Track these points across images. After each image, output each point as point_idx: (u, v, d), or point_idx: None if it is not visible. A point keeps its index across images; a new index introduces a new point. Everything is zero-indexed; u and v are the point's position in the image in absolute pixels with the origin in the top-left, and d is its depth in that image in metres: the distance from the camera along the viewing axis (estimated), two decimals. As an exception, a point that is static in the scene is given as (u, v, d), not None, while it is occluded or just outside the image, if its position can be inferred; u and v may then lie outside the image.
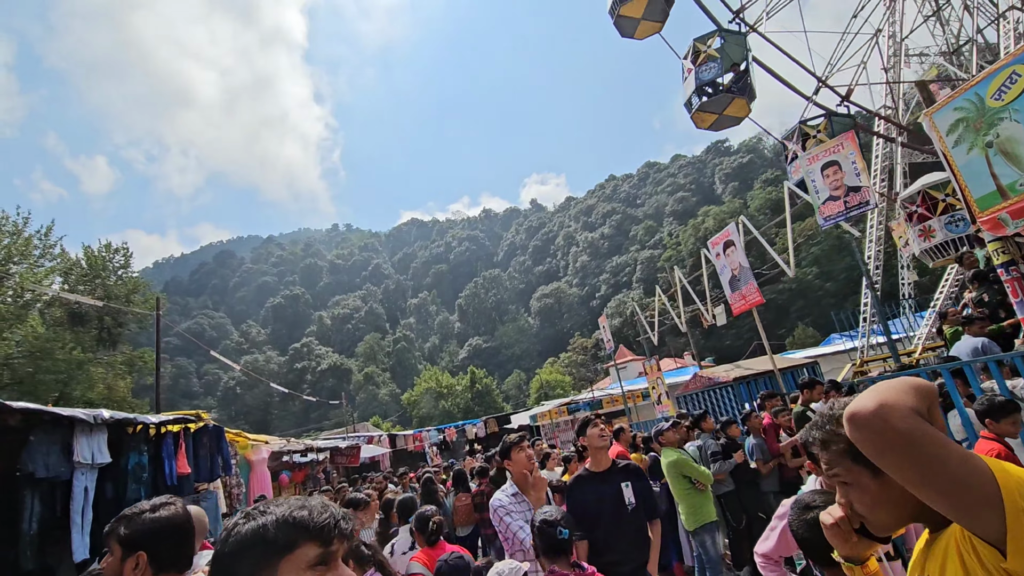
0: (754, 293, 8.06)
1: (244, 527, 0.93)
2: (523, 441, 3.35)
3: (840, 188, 6.82)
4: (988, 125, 3.50)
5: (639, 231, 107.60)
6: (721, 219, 76.57)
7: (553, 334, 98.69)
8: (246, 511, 0.98)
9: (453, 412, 61.92)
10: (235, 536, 0.92)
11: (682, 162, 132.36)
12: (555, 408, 18.98)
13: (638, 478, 3.33)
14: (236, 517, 0.98)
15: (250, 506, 1.01)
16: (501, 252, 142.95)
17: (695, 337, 60.19)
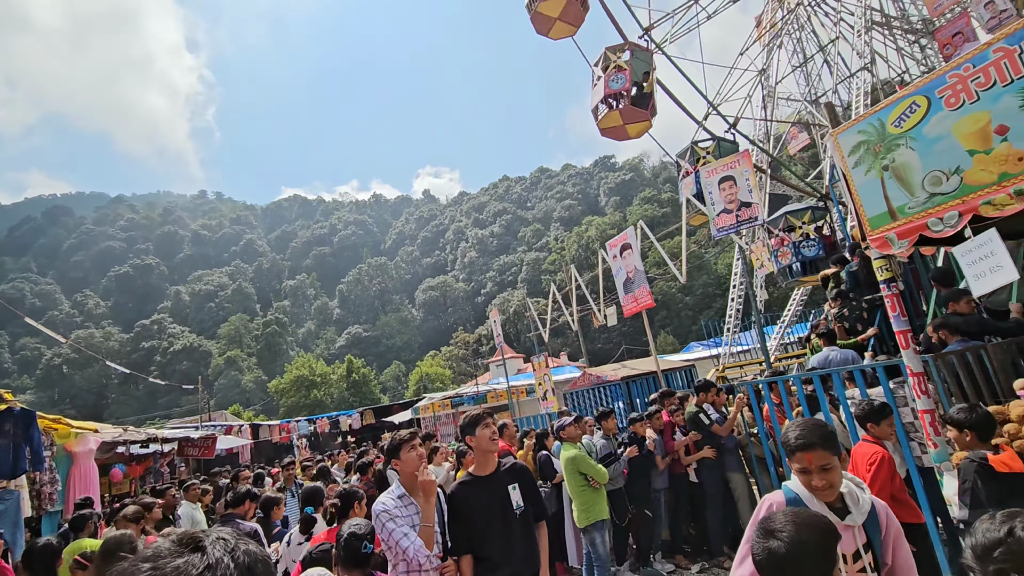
0: (646, 296, 8.36)
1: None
2: (414, 439, 3.00)
3: (734, 202, 7.32)
4: (886, 150, 3.78)
5: (527, 233, 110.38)
6: (603, 229, 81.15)
7: (436, 327, 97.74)
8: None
9: (326, 402, 58.66)
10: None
11: (572, 172, 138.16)
12: (439, 401, 18.57)
13: (525, 479, 3.12)
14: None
15: (70, 512, 0.56)
16: (389, 240, 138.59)
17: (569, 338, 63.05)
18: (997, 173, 3.22)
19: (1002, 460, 2.98)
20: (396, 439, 2.99)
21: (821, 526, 1.55)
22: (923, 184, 3.59)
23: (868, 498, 2.07)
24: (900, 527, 2.11)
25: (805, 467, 2.01)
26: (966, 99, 3.33)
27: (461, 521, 2.99)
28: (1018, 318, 5.09)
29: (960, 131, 3.38)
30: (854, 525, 1.99)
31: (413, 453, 2.91)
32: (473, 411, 3.11)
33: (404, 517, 2.76)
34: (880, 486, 3.27)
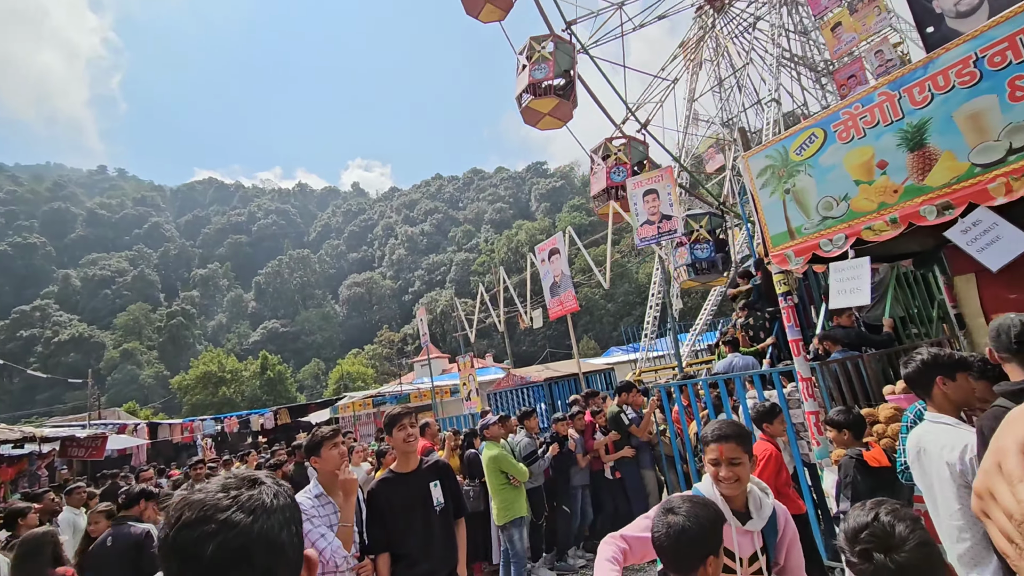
0: (571, 300, 8.63)
1: None
2: (337, 436, 2.94)
3: (656, 214, 7.74)
4: (788, 175, 4.17)
5: (458, 233, 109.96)
6: (533, 234, 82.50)
7: (360, 324, 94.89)
8: None
9: (236, 400, 55.21)
10: None
11: (504, 175, 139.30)
12: (360, 400, 18.06)
13: (446, 475, 3.18)
14: None
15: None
16: (314, 232, 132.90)
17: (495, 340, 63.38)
18: (877, 202, 3.65)
19: (873, 456, 3.36)
20: (318, 436, 2.91)
21: (712, 506, 1.74)
22: (817, 208, 4.00)
23: (771, 503, 2.24)
24: (796, 530, 2.29)
25: (716, 458, 2.14)
26: (855, 134, 3.75)
27: (380, 519, 2.96)
28: (889, 332, 5.77)
29: (849, 162, 3.80)
30: (754, 531, 2.16)
31: (335, 451, 2.85)
32: (394, 410, 3.09)
33: (321, 517, 2.69)
34: (765, 480, 3.59)
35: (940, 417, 2.55)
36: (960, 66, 3.23)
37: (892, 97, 3.54)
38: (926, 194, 3.40)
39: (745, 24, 18.97)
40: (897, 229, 3.55)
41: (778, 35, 16.80)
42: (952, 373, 2.51)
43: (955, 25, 5.66)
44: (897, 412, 3.91)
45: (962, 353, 2.53)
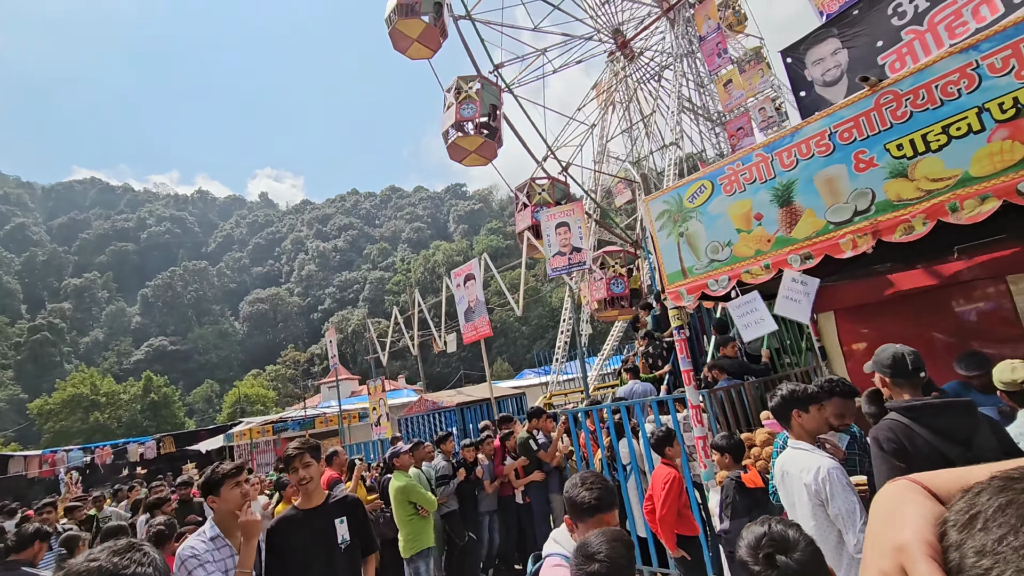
0: (485, 325, 8.77)
1: None
2: (240, 474, 2.76)
3: (567, 246, 8.13)
4: (683, 219, 4.60)
5: (374, 251, 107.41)
6: (450, 255, 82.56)
7: (263, 343, 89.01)
8: None
9: (111, 427, 49.42)
10: None
11: (423, 195, 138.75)
12: (257, 426, 16.88)
13: (355, 512, 3.09)
14: None
15: None
16: (214, 243, 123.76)
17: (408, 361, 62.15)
18: (754, 249, 4.14)
19: (749, 478, 3.74)
20: (218, 472, 2.72)
21: (626, 539, 1.76)
22: (706, 251, 4.44)
23: None
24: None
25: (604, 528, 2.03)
26: (737, 188, 4.24)
27: (279, 559, 2.85)
28: (767, 362, 6.44)
29: (732, 212, 4.27)
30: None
31: (237, 490, 2.67)
32: (289, 451, 2.94)
33: (216, 562, 2.54)
34: (669, 504, 3.86)
35: (799, 444, 2.92)
36: (818, 138, 3.78)
37: (766, 159, 4.06)
38: (792, 245, 3.91)
39: (652, 72, 20.59)
40: (770, 274, 4.04)
41: (680, 85, 18.38)
42: (805, 407, 2.91)
43: (822, 92, 6.54)
44: (771, 436, 4.38)
45: (814, 387, 2.92)
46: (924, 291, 5.27)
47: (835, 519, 2.75)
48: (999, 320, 4.86)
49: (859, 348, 5.90)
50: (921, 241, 3.38)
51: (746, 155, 4.22)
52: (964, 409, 2.50)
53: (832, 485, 2.74)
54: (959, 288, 5.13)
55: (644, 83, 20.56)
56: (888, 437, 2.51)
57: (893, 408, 2.62)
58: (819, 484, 2.78)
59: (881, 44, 5.78)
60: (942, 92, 3.27)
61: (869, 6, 6.00)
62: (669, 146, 15.69)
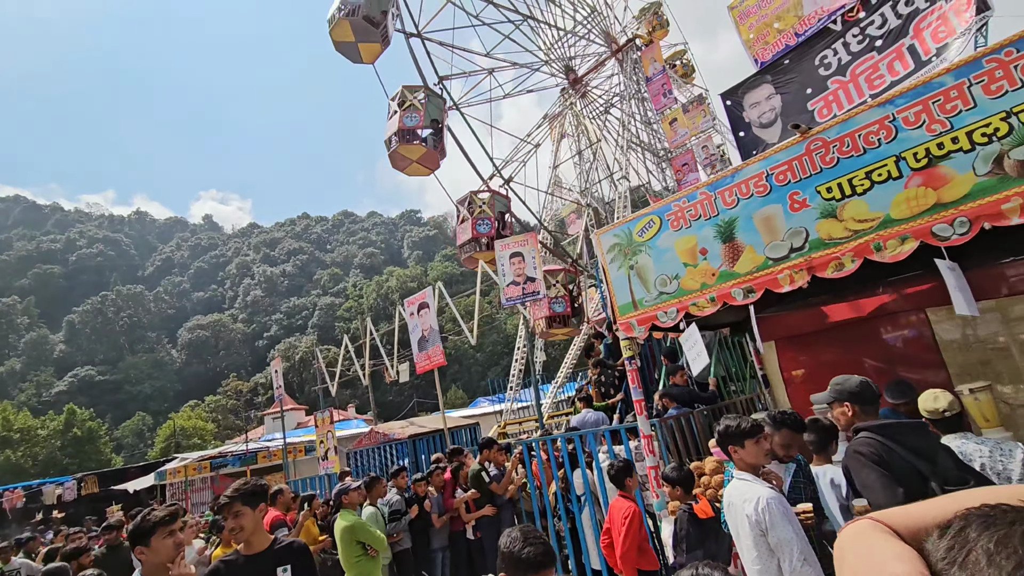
0: (439, 355, 8.66)
1: None
2: (174, 521, 2.50)
3: (521, 275, 8.20)
4: (632, 253, 4.75)
5: (324, 276, 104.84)
6: (404, 281, 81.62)
7: (203, 372, 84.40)
8: None
9: (25, 466, 45.21)
10: None
11: (377, 220, 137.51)
12: (193, 462, 15.84)
13: (301, 559, 2.86)
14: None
15: None
16: (151, 267, 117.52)
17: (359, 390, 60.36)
18: (700, 283, 4.30)
19: (701, 508, 3.79)
20: (149, 520, 2.47)
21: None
22: (655, 283, 4.59)
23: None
24: None
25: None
26: (683, 224, 4.42)
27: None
28: (714, 390, 6.64)
29: (679, 247, 4.45)
30: None
31: (170, 541, 2.43)
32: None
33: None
34: (631, 540, 3.84)
35: (742, 474, 3.01)
36: (756, 179, 4.02)
37: (710, 197, 4.27)
38: (736, 279, 4.10)
39: (601, 108, 21.42)
40: (715, 306, 4.21)
41: (628, 122, 19.18)
42: (740, 442, 3.00)
43: (759, 133, 6.99)
44: (720, 464, 4.49)
45: (751, 421, 3.03)
46: (855, 321, 5.61)
47: (775, 548, 2.83)
48: (921, 347, 5.21)
49: (798, 375, 6.18)
50: (853, 275, 3.64)
51: (691, 192, 4.43)
52: (924, 430, 2.72)
53: (772, 515, 2.82)
54: (886, 318, 5.48)
55: (594, 118, 21.34)
56: (870, 451, 2.66)
57: (865, 428, 2.78)
58: (759, 514, 2.86)
59: (810, 91, 6.27)
60: (864, 141, 3.56)
61: (799, 56, 6.50)
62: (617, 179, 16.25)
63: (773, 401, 6.51)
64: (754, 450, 2.96)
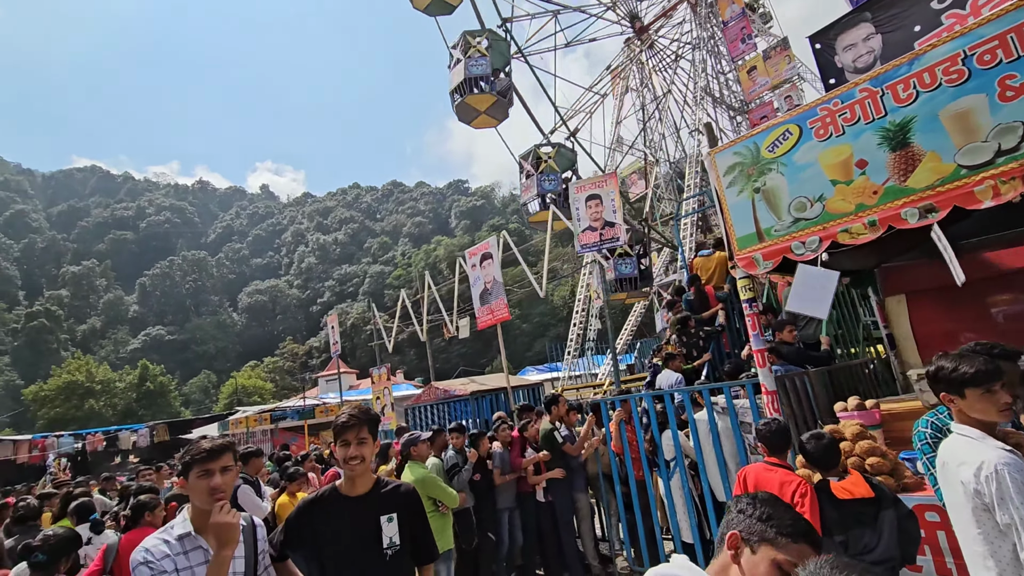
0: (502, 308, 8.08)
1: None
2: (218, 457, 1.94)
3: (599, 220, 7.44)
4: (759, 173, 3.91)
5: (374, 245, 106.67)
6: (451, 251, 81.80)
7: (261, 335, 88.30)
8: None
9: (106, 415, 48.81)
10: None
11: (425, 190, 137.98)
12: (254, 415, 16.18)
13: (409, 507, 2.29)
14: None
15: None
16: (213, 234, 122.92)
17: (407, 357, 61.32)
18: (855, 204, 3.44)
19: (843, 487, 2.96)
20: (192, 451, 1.97)
21: None
22: (789, 208, 3.75)
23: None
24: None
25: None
26: (833, 131, 3.54)
27: (290, 548, 2.18)
28: (827, 349, 5.75)
29: (825, 161, 3.58)
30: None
31: (203, 482, 1.90)
32: (339, 418, 2.18)
33: (182, 570, 1.85)
34: (815, 522, 2.91)
35: (962, 429, 2.23)
36: (948, 63, 3.09)
37: (874, 94, 3.37)
38: (908, 196, 3.22)
39: (669, 59, 19.89)
40: (876, 232, 3.35)
41: (700, 71, 17.68)
42: (960, 390, 2.20)
43: (853, 79, 5.89)
44: (863, 429, 3.69)
45: (983, 363, 2.21)
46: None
47: (1007, 529, 2.06)
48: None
49: (937, 337, 5.21)
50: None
51: (847, 91, 3.53)
52: None
53: (1001, 486, 2.04)
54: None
55: (661, 70, 19.88)
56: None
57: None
58: (981, 484, 2.09)
59: (919, 28, 5.09)
60: None
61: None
62: (692, 133, 15.00)
63: (901, 365, 5.57)
64: (981, 403, 2.17)
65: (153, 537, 1.90)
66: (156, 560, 1.80)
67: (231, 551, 1.88)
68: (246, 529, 2.09)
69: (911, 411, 4.43)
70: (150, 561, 1.79)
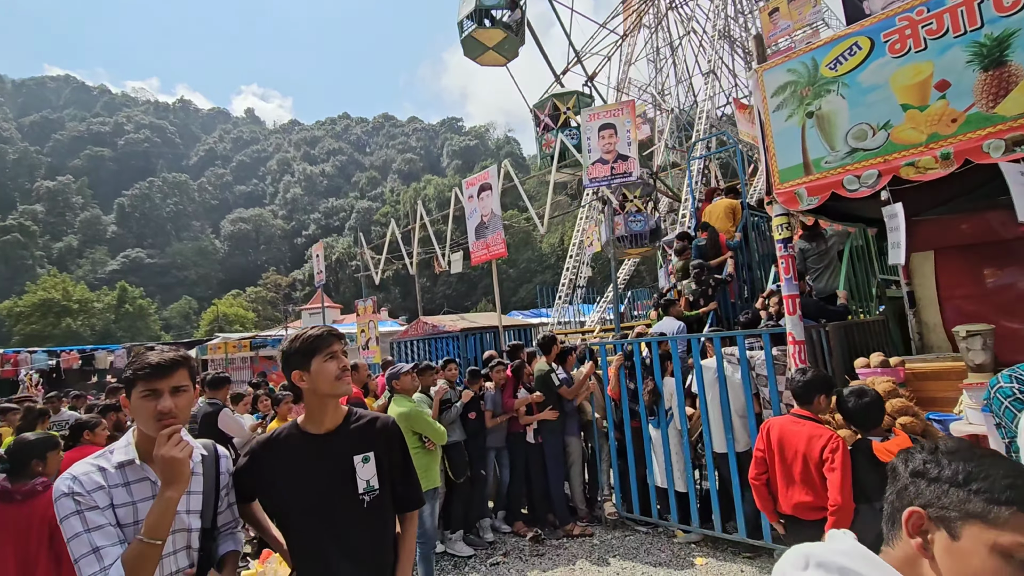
0: (499, 243, 7.62)
1: None
2: (171, 373, 1.52)
3: (611, 152, 6.89)
4: (815, 95, 3.42)
5: (362, 179, 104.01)
6: (441, 190, 79.94)
7: (244, 264, 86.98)
8: None
9: (83, 334, 48.23)
10: None
11: (417, 125, 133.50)
12: (234, 341, 15.79)
13: (388, 445, 1.87)
14: None
15: None
16: (195, 156, 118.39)
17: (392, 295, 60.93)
18: (927, 133, 2.99)
19: (884, 448, 2.68)
20: (133, 367, 1.51)
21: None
22: (847, 137, 3.29)
23: None
24: None
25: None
26: (912, 46, 3.03)
27: (246, 492, 1.83)
28: (845, 304, 5.45)
29: (898, 82, 3.09)
30: None
31: (149, 404, 1.48)
32: (316, 330, 1.82)
33: (120, 507, 1.44)
34: (848, 479, 2.59)
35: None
36: (1072, -37, 2.58)
37: (972, 1, 2.84)
38: (995, 125, 2.77)
39: (686, -5, 18.62)
40: (949, 167, 2.92)
41: (719, 9, 16.59)
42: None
43: None
44: (894, 386, 3.41)
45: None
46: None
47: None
48: None
49: (963, 299, 4.91)
50: None
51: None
52: None
53: None
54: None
55: (675, 7, 18.64)
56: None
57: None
58: None
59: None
60: None
61: None
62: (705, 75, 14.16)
63: (917, 324, 5.30)
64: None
65: (86, 463, 1.49)
66: (86, 492, 1.40)
67: (179, 492, 1.47)
68: (207, 460, 1.70)
69: (937, 371, 4.17)
70: (77, 493, 1.39)
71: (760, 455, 3.04)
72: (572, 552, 4.83)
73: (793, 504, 2.82)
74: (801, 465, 2.80)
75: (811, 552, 0.71)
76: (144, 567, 1.39)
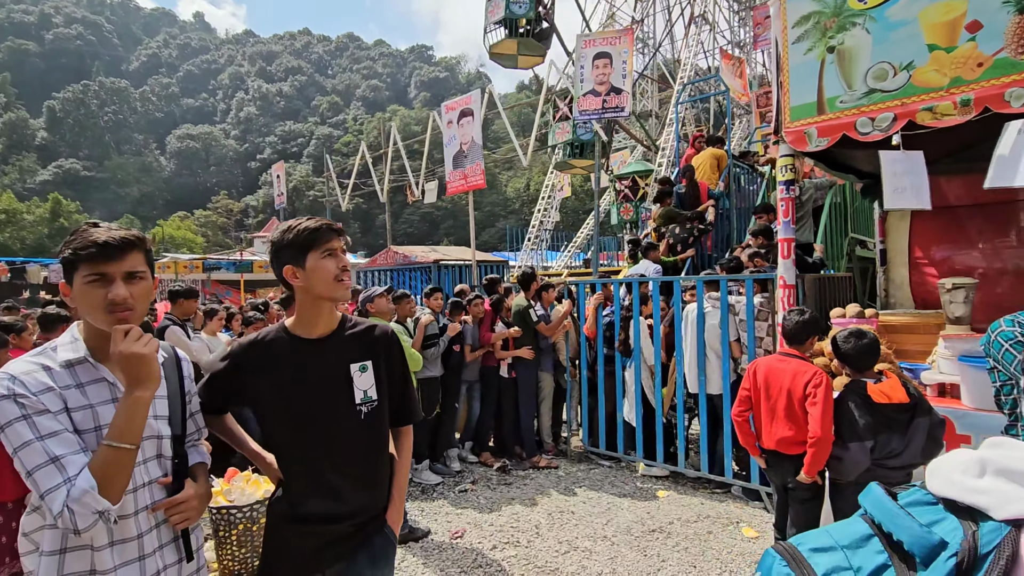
0: (478, 174, 7.30)
1: None
2: (123, 255, 1.25)
3: (605, 84, 6.56)
4: (839, 28, 3.26)
5: (323, 103, 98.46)
6: (408, 123, 76.75)
7: (192, 185, 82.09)
8: None
9: (12, 247, 44.93)
10: None
11: (384, 50, 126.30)
12: (185, 262, 14.94)
13: (388, 353, 1.71)
14: None
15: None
16: (137, 61, 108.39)
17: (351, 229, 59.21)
18: (951, 76, 2.90)
19: (878, 390, 2.72)
20: (72, 246, 1.22)
21: None
22: (866, 76, 3.16)
23: None
24: None
25: None
26: (949, -19, 2.89)
27: (222, 401, 1.67)
28: (820, 257, 5.54)
29: (928, 19, 2.96)
30: None
31: (97, 291, 1.22)
32: (306, 222, 1.57)
33: (75, 410, 1.21)
34: (829, 414, 2.67)
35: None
36: None
37: (1018, -66, 2.69)
38: (1021, 72, 2.70)
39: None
40: (967, 114, 2.86)
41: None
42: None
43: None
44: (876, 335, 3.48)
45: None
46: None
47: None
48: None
49: (932, 259, 5.05)
50: None
51: (982, -73, 2.82)
52: None
53: None
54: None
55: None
56: None
57: None
58: None
59: None
60: None
61: None
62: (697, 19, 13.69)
63: (886, 281, 5.46)
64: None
65: (23, 361, 1.22)
66: (31, 394, 1.15)
67: (150, 391, 1.24)
68: (168, 362, 1.47)
69: (907, 324, 4.33)
70: (20, 394, 1.14)
71: (745, 394, 3.07)
72: (539, 483, 4.92)
73: (776, 439, 2.88)
74: (785, 401, 2.84)
75: (987, 458, 0.61)
76: (118, 475, 1.19)
